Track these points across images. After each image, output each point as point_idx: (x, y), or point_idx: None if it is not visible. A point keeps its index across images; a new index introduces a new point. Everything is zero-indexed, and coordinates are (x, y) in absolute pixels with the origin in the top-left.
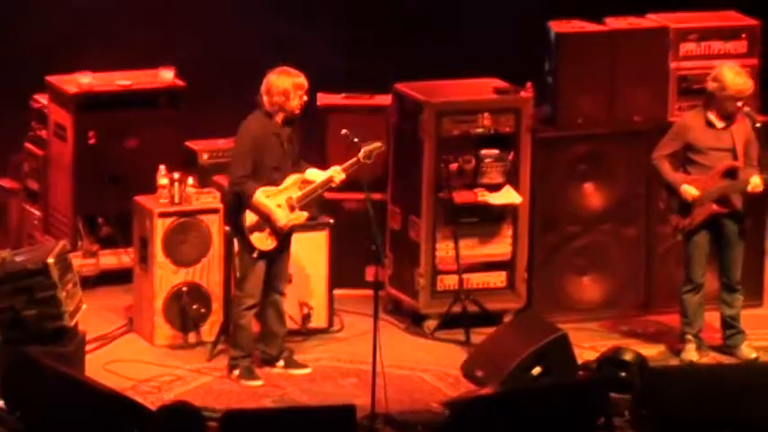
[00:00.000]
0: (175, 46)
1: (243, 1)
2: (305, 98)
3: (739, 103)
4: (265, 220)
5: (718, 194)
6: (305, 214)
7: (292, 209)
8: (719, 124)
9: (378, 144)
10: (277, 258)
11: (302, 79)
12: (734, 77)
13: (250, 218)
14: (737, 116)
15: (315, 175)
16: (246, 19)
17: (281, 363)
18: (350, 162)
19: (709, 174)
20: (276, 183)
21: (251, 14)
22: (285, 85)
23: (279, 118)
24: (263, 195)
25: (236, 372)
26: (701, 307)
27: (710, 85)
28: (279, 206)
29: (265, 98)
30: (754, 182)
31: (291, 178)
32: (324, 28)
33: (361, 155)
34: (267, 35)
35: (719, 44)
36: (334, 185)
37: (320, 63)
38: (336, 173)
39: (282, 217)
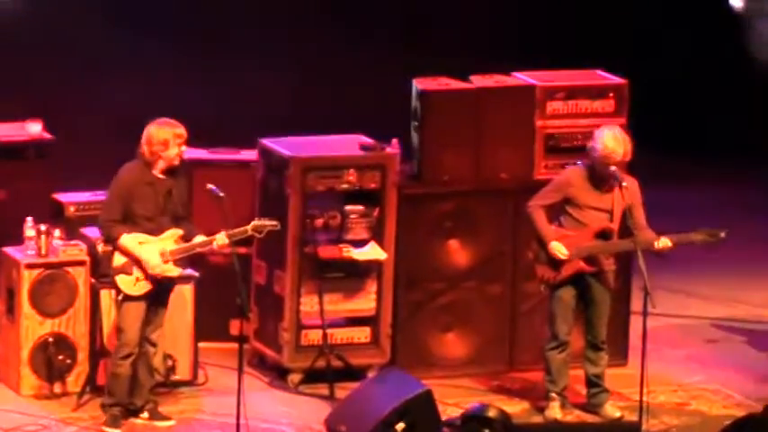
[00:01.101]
0: (43, 97)
1: (112, 54)
2: (183, 148)
3: (612, 168)
4: (135, 264)
5: (589, 253)
6: (178, 270)
7: (166, 261)
8: (599, 184)
9: (273, 223)
10: (153, 309)
11: (182, 130)
12: (607, 141)
13: (117, 260)
14: (619, 179)
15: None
16: (116, 71)
17: (145, 414)
18: (237, 230)
19: (583, 231)
20: (151, 234)
21: (120, 67)
22: (165, 136)
23: (158, 168)
24: (133, 240)
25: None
26: (565, 365)
27: (588, 143)
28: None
29: (145, 148)
30: (665, 242)
31: (170, 232)
32: (192, 82)
33: (249, 227)
34: (137, 88)
35: (587, 103)
36: (215, 248)
37: (187, 116)
38: (220, 238)
39: (153, 260)
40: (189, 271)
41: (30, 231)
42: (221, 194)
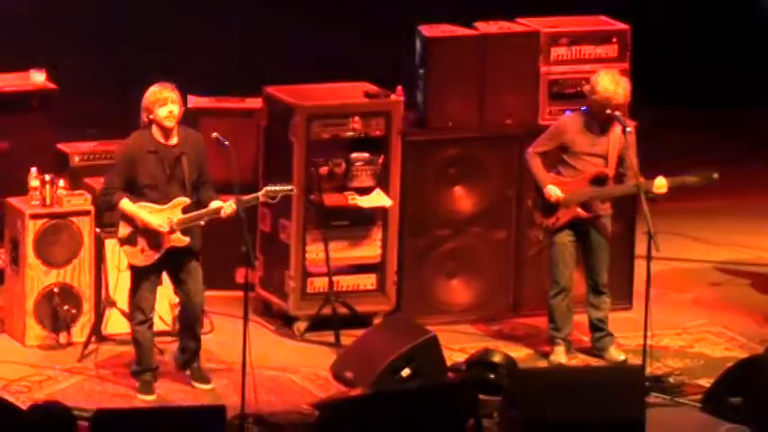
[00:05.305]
0: (47, 47)
1: (116, 5)
2: (173, 110)
3: (609, 111)
4: (138, 232)
5: (583, 199)
6: (186, 239)
7: (171, 231)
8: (597, 129)
9: (288, 187)
10: (175, 278)
11: (168, 91)
12: (606, 83)
13: (122, 230)
14: (614, 124)
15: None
16: (119, 21)
17: (187, 372)
18: (248, 197)
19: (578, 178)
20: (156, 202)
21: (124, 15)
22: (151, 97)
23: (155, 133)
24: (138, 207)
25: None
26: (569, 312)
27: (585, 87)
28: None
29: (142, 114)
30: (660, 183)
31: (177, 200)
32: (196, 30)
33: (261, 193)
34: (140, 36)
35: (590, 48)
36: (222, 216)
37: (190, 64)
38: (228, 206)
39: (157, 220)
40: None
41: (34, 182)
42: (226, 143)
